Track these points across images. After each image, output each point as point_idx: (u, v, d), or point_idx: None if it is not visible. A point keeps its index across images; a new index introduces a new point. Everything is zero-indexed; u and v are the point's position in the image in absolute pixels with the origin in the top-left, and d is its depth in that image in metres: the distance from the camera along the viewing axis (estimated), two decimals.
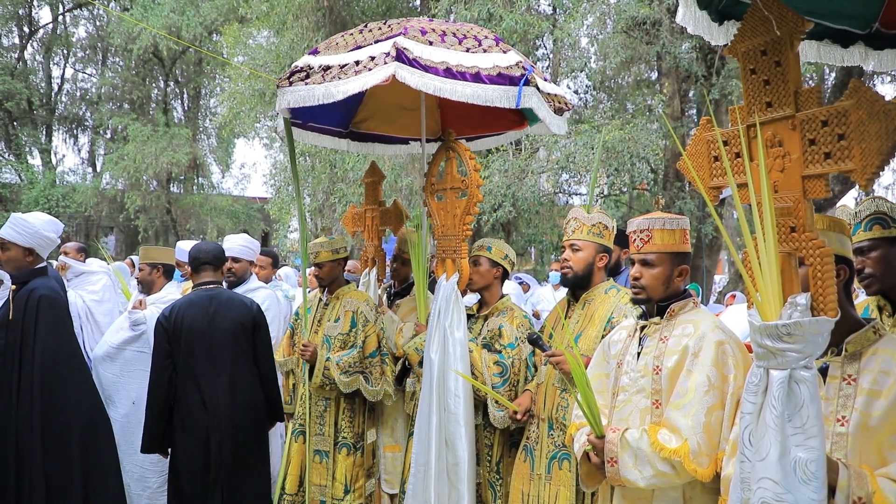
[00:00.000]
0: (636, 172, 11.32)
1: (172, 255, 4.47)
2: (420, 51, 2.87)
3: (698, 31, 2.25)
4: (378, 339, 3.83)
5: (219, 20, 17.61)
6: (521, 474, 3.03)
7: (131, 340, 4.08)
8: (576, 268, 3.01)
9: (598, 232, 3.02)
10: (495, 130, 4.22)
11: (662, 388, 2.21)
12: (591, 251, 3.02)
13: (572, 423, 2.52)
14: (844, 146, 1.45)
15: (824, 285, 1.52)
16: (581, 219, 3.03)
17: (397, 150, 4.71)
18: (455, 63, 2.88)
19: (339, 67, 2.97)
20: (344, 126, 4.31)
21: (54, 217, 3.69)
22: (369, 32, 3.18)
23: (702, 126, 1.83)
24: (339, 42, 3.25)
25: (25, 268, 3.41)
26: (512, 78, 2.93)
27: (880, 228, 2.40)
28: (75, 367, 3.41)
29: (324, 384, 3.72)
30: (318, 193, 14.56)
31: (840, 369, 1.74)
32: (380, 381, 3.76)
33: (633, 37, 10.84)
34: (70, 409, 3.31)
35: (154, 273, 4.35)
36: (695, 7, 2.22)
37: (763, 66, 1.59)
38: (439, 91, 2.83)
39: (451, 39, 3.05)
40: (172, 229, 21.34)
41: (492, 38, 3.20)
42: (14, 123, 21.89)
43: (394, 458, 3.89)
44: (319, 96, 2.95)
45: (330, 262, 3.93)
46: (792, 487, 1.47)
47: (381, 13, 13.36)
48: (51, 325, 3.30)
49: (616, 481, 2.19)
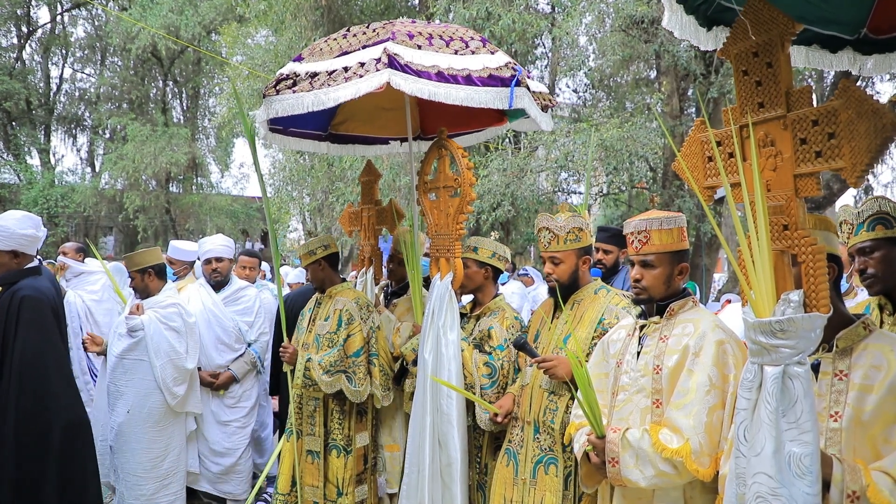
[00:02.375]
0: (635, 171, 11.34)
1: (159, 254, 4.34)
2: (410, 55, 2.86)
3: (685, 36, 2.27)
4: (365, 339, 3.75)
5: (217, 20, 17.62)
6: (504, 479, 2.92)
7: (131, 348, 4.02)
8: (561, 279, 2.94)
9: (574, 237, 2.92)
10: (475, 127, 4.22)
11: (663, 387, 2.21)
12: (572, 259, 2.94)
13: (571, 423, 2.51)
14: (835, 145, 1.47)
15: (817, 282, 1.54)
16: (553, 229, 2.93)
17: (378, 151, 4.69)
18: (446, 66, 2.88)
19: (328, 74, 2.93)
20: (323, 129, 4.28)
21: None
22: (353, 37, 3.15)
23: (696, 127, 1.85)
24: (324, 48, 3.21)
25: (15, 269, 3.34)
26: (503, 79, 2.94)
27: (883, 228, 2.39)
28: (57, 369, 3.33)
29: (307, 384, 3.70)
30: (317, 193, 14.58)
31: (832, 365, 1.76)
32: (364, 381, 3.69)
33: (632, 35, 10.86)
34: (50, 410, 3.24)
35: (146, 278, 4.19)
36: (681, 12, 2.23)
37: (755, 68, 1.61)
38: (434, 96, 2.82)
39: (439, 42, 3.05)
40: (171, 229, 21.33)
41: (478, 38, 3.20)
42: (12, 123, 21.89)
43: (392, 457, 3.88)
44: (309, 104, 2.89)
45: (311, 265, 3.91)
46: (787, 482, 1.49)
47: (379, 12, 13.36)
48: (32, 325, 3.23)
49: (617, 481, 2.19)
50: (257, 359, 4.69)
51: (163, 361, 4.03)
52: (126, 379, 4.02)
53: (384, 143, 4.55)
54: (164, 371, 4.02)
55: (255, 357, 4.68)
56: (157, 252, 4.35)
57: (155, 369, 4.00)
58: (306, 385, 3.71)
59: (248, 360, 4.64)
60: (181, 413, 4.22)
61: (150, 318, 4.06)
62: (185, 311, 4.23)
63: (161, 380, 4.01)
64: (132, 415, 3.98)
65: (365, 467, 3.84)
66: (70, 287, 5.00)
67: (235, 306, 4.74)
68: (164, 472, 4.09)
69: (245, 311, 4.76)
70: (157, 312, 4.11)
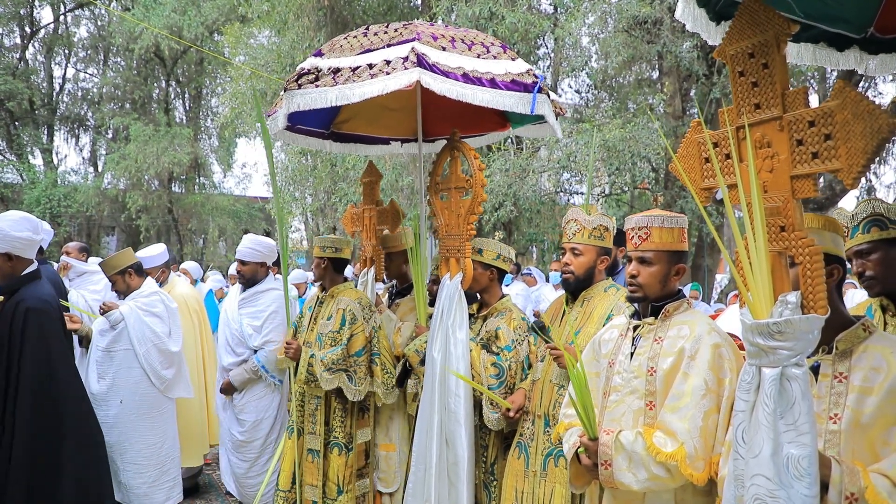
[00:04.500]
0: (637, 171, 11.33)
1: (132, 253, 4.41)
2: (437, 56, 2.88)
3: (697, 29, 2.26)
4: (367, 339, 3.80)
5: (220, 20, 17.66)
6: (515, 471, 3.00)
7: (115, 340, 4.08)
8: (577, 272, 2.98)
9: (599, 235, 2.98)
10: (477, 131, 4.24)
11: (657, 389, 2.19)
12: (592, 255, 2.98)
13: (560, 423, 2.49)
14: (831, 146, 1.46)
15: (814, 283, 1.53)
16: (582, 221, 2.98)
17: (380, 150, 4.71)
18: (470, 68, 2.92)
19: (351, 70, 2.93)
20: (325, 127, 4.29)
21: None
22: (375, 36, 3.17)
23: (692, 128, 1.84)
24: (344, 45, 3.21)
25: (10, 274, 3.23)
26: (526, 85, 3.00)
27: (878, 230, 2.39)
28: (67, 382, 3.27)
29: (308, 380, 3.76)
30: (320, 193, 14.59)
31: (831, 367, 1.75)
32: (364, 381, 3.73)
33: (635, 36, 10.85)
34: (62, 424, 3.20)
35: (127, 278, 4.28)
36: (693, 4, 2.23)
37: (751, 69, 1.61)
38: (461, 96, 2.85)
39: (461, 45, 3.09)
40: (174, 229, 21.38)
41: (498, 44, 3.25)
42: (16, 123, 21.94)
43: (387, 456, 3.89)
44: (333, 98, 2.88)
45: (318, 258, 3.99)
46: (785, 484, 1.48)
47: (382, 13, 13.37)
48: (41, 340, 3.15)
49: (609, 484, 2.17)
50: (261, 368, 4.38)
51: (146, 347, 4.10)
52: (114, 370, 4.08)
53: (385, 143, 4.57)
54: (148, 356, 4.10)
55: (259, 366, 4.39)
56: (130, 252, 4.46)
57: (139, 356, 4.07)
58: (309, 381, 3.75)
59: (250, 368, 4.40)
60: (171, 399, 4.31)
61: (130, 308, 4.13)
62: (166, 297, 4.33)
63: (147, 365, 4.09)
64: (126, 404, 4.05)
65: (367, 462, 3.88)
66: (73, 286, 5.02)
67: (248, 308, 4.55)
68: (163, 459, 4.20)
69: (255, 314, 4.51)
70: (137, 302, 4.19)
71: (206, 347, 5.38)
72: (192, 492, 5.09)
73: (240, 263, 4.58)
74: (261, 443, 4.44)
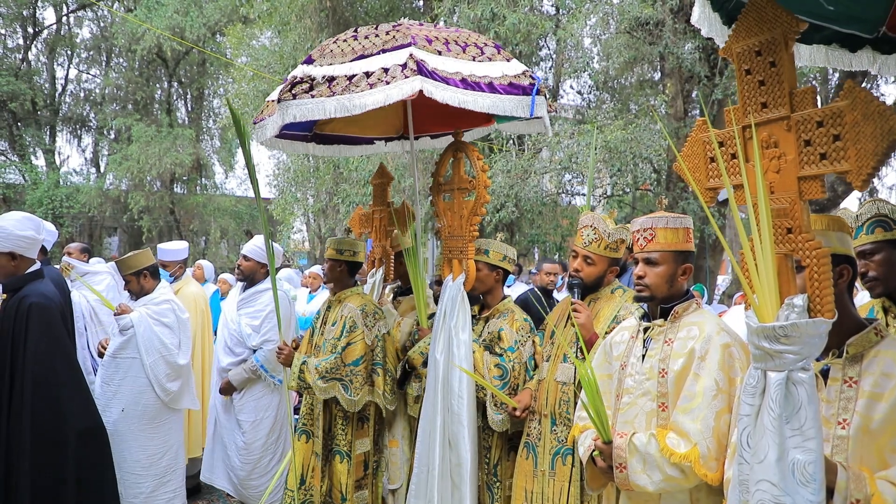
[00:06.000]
0: (639, 173, 11.31)
1: (150, 255, 4.35)
2: (434, 62, 2.84)
3: (712, 34, 2.24)
4: (367, 347, 3.72)
5: (222, 21, 17.67)
6: (524, 472, 3.01)
7: (123, 346, 4.01)
8: (587, 280, 3.00)
9: (614, 247, 2.99)
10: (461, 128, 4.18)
11: (669, 391, 2.20)
12: (603, 266, 3.00)
13: (575, 426, 2.50)
14: (840, 147, 1.44)
15: (821, 286, 1.50)
16: (601, 231, 2.96)
17: (364, 150, 4.64)
18: (468, 73, 2.89)
19: (347, 79, 2.84)
20: (307, 129, 4.20)
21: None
22: (366, 40, 3.07)
23: (697, 127, 1.82)
24: (335, 50, 3.09)
25: (14, 273, 3.28)
26: (523, 87, 2.97)
27: (882, 231, 2.39)
28: (69, 378, 3.28)
29: (301, 386, 3.69)
30: (322, 194, 14.59)
31: (841, 371, 1.72)
32: (360, 390, 3.66)
33: (636, 37, 10.82)
34: (64, 420, 3.20)
35: (142, 279, 4.21)
36: (709, 8, 2.21)
37: (758, 67, 1.58)
38: (463, 104, 2.82)
39: (456, 48, 3.03)
40: (176, 230, 21.38)
41: (492, 45, 3.20)
42: (18, 124, 21.94)
43: (391, 452, 3.90)
44: (331, 110, 2.79)
45: (333, 261, 3.94)
46: (790, 489, 1.46)
47: (384, 14, 13.37)
48: (42, 334, 3.17)
49: (625, 486, 2.18)
50: (259, 367, 4.42)
51: (153, 358, 4.03)
52: (119, 377, 4.02)
53: (369, 143, 4.50)
54: (155, 367, 4.02)
55: (257, 366, 4.42)
56: (149, 253, 4.39)
57: (146, 366, 4.00)
58: (300, 387, 3.71)
59: (249, 367, 4.43)
60: (177, 410, 4.22)
61: (141, 316, 4.06)
62: (178, 306, 4.25)
63: (153, 376, 4.01)
64: (127, 413, 3.98)
65: (365, 473, 3.84)
66: (75, 287, 5.00)
67: (247, 308, 4.58)
68: (163, 470, 4.10)
69: (254, 314, 4.54)
70: (148, 309, 4.12)
71: (207, 348, 5.37)
72: (192, 492, 5.07)
73: (243, 259, 4.64)
74: (262, 443, 4.43)
